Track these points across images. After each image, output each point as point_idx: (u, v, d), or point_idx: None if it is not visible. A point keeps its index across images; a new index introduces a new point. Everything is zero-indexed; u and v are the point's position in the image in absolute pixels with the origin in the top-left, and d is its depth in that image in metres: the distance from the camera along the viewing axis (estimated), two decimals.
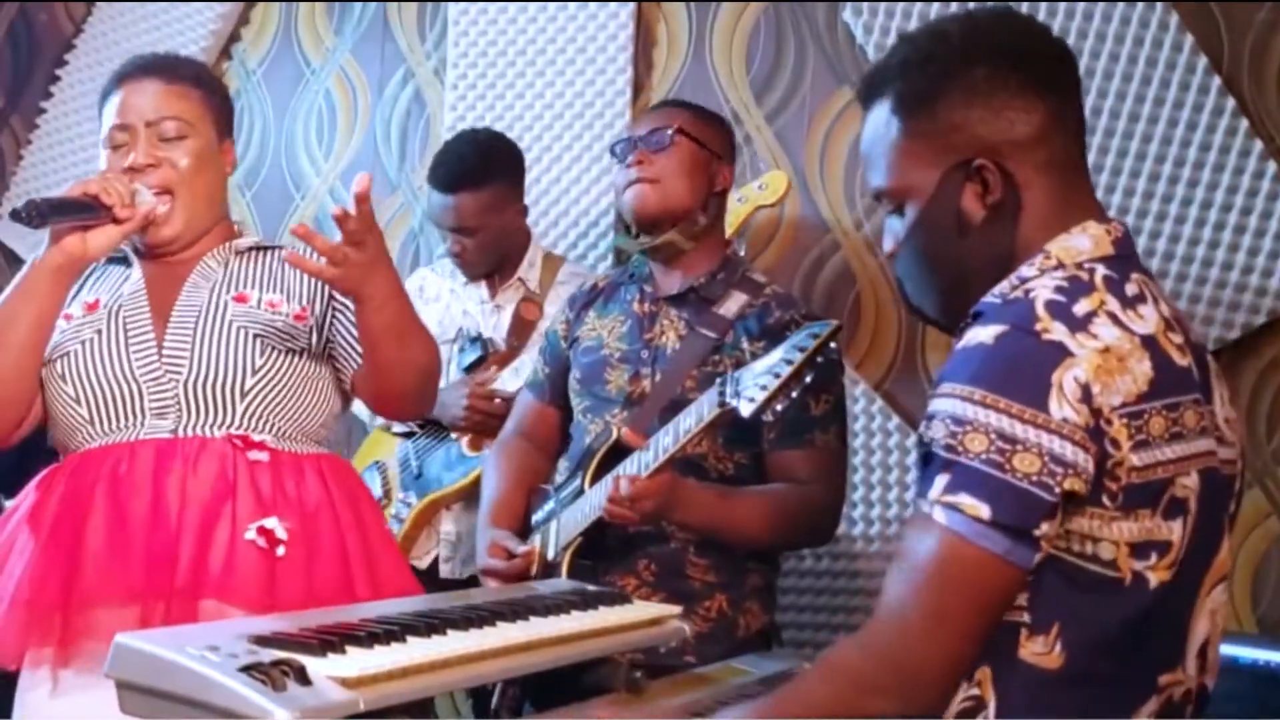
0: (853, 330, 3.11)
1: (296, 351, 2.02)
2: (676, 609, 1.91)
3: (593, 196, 3.39)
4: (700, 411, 2.11)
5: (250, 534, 1.87)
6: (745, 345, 2.32)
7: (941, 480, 1.34)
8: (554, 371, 2.59)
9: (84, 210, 1.89)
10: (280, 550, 1.87)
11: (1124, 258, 1.46)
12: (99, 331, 1.98)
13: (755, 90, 3.25)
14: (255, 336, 1.98)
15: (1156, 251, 2.81)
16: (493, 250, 3.00)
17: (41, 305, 1.92)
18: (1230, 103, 2.76)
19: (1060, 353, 1.33)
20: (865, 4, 3.07)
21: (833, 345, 2.07)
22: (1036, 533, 1.31)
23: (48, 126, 4.07)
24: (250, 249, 2.11)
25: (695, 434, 2.12)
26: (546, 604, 1.72)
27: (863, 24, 3.07)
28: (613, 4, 3.36)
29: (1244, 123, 2.76)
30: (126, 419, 1.94)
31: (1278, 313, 2.79)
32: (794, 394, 2.03)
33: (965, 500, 1.32)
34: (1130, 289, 1.42)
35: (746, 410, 2.02)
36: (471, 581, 2.92)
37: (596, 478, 2.29)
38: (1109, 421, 1.32)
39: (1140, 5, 2.82)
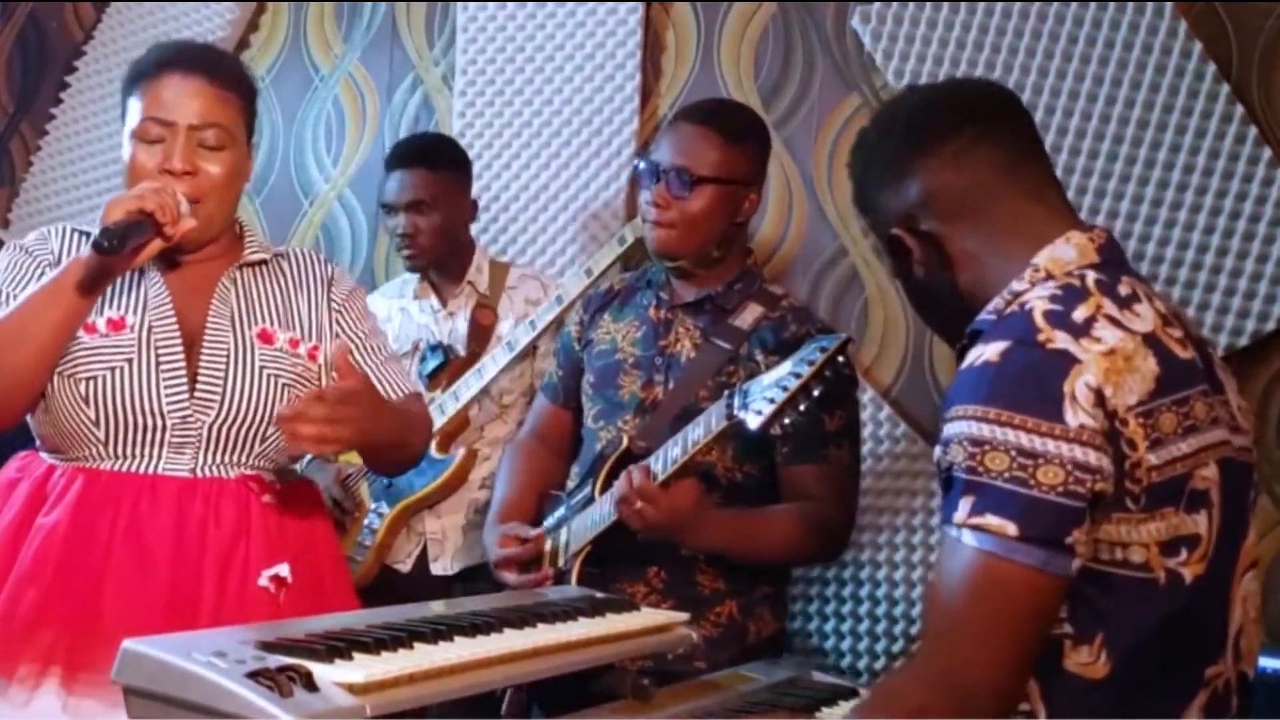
0: (860, 337, 3.10)
1: None
2: (684, 616, 1.91)
3: (600, 202, 3.38)
4: (709, 423, 2.12)
5: (264, 581, 1.92)
6: (760, 357, 2.32)
7: (966, 503, 1.35)
8: (567, 374, 2.59)
9: (143, 229, 1.85)
10: (282, 594, 1.94)
11: (1111, 263, 1.49)
12: (129, 361, 1.95)
13: (763, 96, 3.25)
14: (284, 385, 2.01)
15: (1165, 259, 2.80)
16: (442, 237, 3.03)
17: (73, 308, 1.90)
18: (1239, 109, 2.75)
19: (1067, 360, 1.35)
20: (874, 8, 3.06)
21: (845, 360, 2.07)
22: (1068, 540, 1.33)
23: (57, 133, 4.08)
24: (258, 263, 2.09)
25: (703, 445, 2.13)
26: (553, 611, 1.72)
27: (871, 30, 3.07)
28: (621, 10, 3.36)
29: (1253, 130, 2.74)
30: (144, 448, 1.96)
31: None
32: (802, 407, 2.03)
33: (991, 520, 1.33)
34: (1123, 290, 1.45)
35: (754, 423, 2.02)
36: (463, 576, 2.99)
37: (606, 486, 2.29)
38: (1124, 422, 1.34)
39: (1149, 11, 2.81)
